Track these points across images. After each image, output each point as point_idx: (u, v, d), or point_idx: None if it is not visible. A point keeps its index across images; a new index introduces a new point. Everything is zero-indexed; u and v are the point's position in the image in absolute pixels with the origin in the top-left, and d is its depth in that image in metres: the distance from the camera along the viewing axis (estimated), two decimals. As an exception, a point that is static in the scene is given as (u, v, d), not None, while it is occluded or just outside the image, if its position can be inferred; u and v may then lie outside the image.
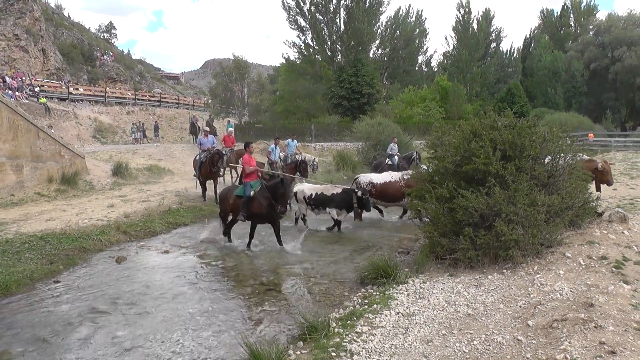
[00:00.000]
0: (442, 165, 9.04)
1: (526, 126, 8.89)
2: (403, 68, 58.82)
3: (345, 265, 10.02)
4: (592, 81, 55.23)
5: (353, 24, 49.52)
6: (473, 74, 58.49)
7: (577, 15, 66.55)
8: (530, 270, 7.44)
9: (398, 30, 58.16)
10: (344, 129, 35.07)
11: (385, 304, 6.89)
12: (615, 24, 54.88)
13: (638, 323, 5.19)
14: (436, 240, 8.47)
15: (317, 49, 52.18)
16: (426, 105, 44.56)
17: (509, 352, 5.09)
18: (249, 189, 11.41)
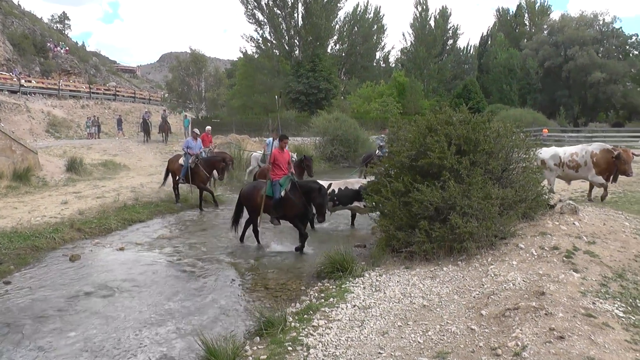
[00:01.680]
0: (398, 159, 9.15)
1: (480, 121, 9.09)
2: (361, 64, 59.27)
3: (303, 259, 10.05)
4: (546, 79, 56.68)
5: (311, 19, 49.59)
6: (430, 70, 59.40)
7: (531, 15, 68.33)
8: (484, 261, 7.61)
9: (356, 26, 58.58)
10: (302, 124, 35.10)
11: (341, 298, 6.95)
12: (568, 24, 56.46)
13: (586, 309, 5.39)
14: (392, 234, 8.57)
15: (275, 43, 52.12)
16: (383, 101, 44.99)
17: (462, 341, 5.20)
18: (278, 190, 10.43)
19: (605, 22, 57.44)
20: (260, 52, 52.73)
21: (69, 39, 78.22)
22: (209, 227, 13.35)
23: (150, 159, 28.62)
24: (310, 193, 10.30)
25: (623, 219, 9.40)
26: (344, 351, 5.36)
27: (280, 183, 10.41)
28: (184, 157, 16.08)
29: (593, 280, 6.37)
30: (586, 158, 12.11)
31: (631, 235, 8.31)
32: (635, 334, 4.97)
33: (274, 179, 10.55)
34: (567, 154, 12.59)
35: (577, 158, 12.28)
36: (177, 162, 16.39)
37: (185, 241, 11.73)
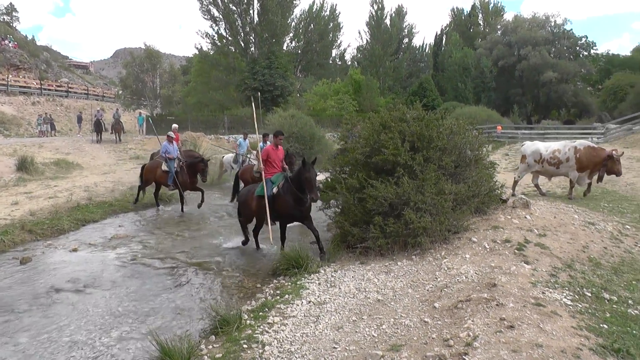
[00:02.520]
0: (352, 156, 9.22)
1: (434, 118, 9.24)
2: (317, 61, 59.30)
3: (258, 257, 10.02)
4: (500, 77, 57.80)
5: (267, 15, 49.26)
6: (386, 68, 59.82)
7: (485, 15, 69.50)
8: (438, 255, 7.76)
9: (312, 23, 58.52)
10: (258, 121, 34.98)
11: (297, 294, 6.98)
12: (521, 25, 57.70)
13: (536, 299, 5.55)
14: (347, 230, 8.65)
15: (230, 40, 51.55)
16: (339, 99, 45.11)
17: (415, 333, 5.28)
18: (270, 186, 9.69)
19: (557, 23, 58.97)
20: (216, 48, 52.11)
21: (17, 32, 75.57)
22: (164, 226, 13.17)
23: (104, 157, 27.98)
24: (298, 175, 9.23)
25: (573, 212, 9.72)
26: (299, 347, 5.38)
27: (272, 180, 9.76)
28: (167, 163, 15.21)
29: (543, 271, 6.57)
30: (569, 155, 12.28)
31: (580, 228, 8.62)
32: (581, 320, 5.17)
33: (266, 177, 9.91)
34: (549, 150, 12.71)
35: (559, 155, 12.43)
36: (159, 169, 15.42)
37: (140, 241, 11.54)
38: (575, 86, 56.07)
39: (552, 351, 4.37)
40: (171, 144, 15.55)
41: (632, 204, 12.16)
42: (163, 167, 15.29)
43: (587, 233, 8.47)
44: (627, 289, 6.41)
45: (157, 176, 15.43)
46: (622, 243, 8.31)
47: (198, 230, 12.11)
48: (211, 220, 13.91)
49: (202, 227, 12.81)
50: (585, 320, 5.19)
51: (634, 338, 4.94)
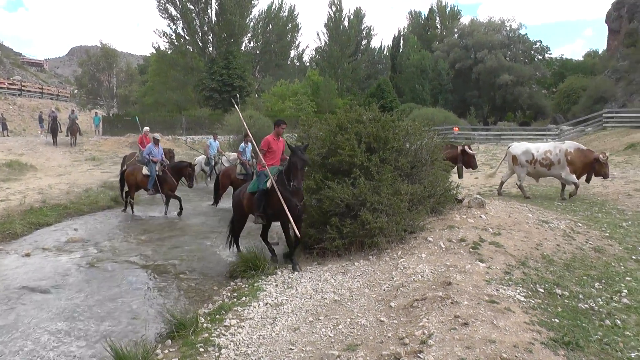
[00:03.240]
0: (309, 157, 9.21)
1: (390, 120, 9.31)
2: (275, 62, 59.17)
3: (215, 259, 9.91)
4: (457, 80, 58.74)
5: (225, 15, 49.00)
6: (344, 69, 60.08)
7: (443, 18, 70.62)
8: (394, 255, 7.81)
9: (270, 24, 58.34)
10: (215, 122, 34.60)
11: (254, 296, 6.93)
12: (478, 28, 58.81)
13: (490, 296, 5.65)
14: (304, 231, 8.62)
15: (188, 39, 51.09)
16: (298, 99, 45.10)
17: (371, 333, 5.31)
18: (263, 180, 8.58)
19: (512, 28, 60.33)
20: (174, 48, 51.50)
21: (-35, 26, 73.12)
22: (120, 229, 12.91)
23: (60, 158, 27.26)
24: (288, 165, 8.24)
25: (527, 210, 9.93)
26: (255, 349, 5.35)
27: (265, 173, 8.60)
28: (148, 166, 14.74)
29: (497, 269, 6.69)
30: (560, 156, 12.42)
31: (534, 226, 8.81)
32: (534, 315, 5.28)
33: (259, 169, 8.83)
34: (540, 151, 12.81)
35: (551, 156, 12.55)
36: (139, 173, 14.95)
37: (96, 244, 11.26)
38: (531, 89, 57.41)
39: (505, 346, 4.45)
40: (156, 146, 15.08)
41: (584, 202, 12.52)
42: (144, 171, 14.85)
43: (541, 231, 8.66)
44: (578, 284, 6.59)
45: (139, 180, 14.94)
46: (574, 240, 8.51)
47: (156, 233, 11.93)
48: (170, 223, 13.69)
49: (160, 230, 12.62)
50: (538, 316, 5.30)
51: (583, 331, 5.09)
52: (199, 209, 13.94)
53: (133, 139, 30.48)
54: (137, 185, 15.09)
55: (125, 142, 32.44)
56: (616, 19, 48.68)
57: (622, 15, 47.34)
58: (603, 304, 5.92)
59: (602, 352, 4.66)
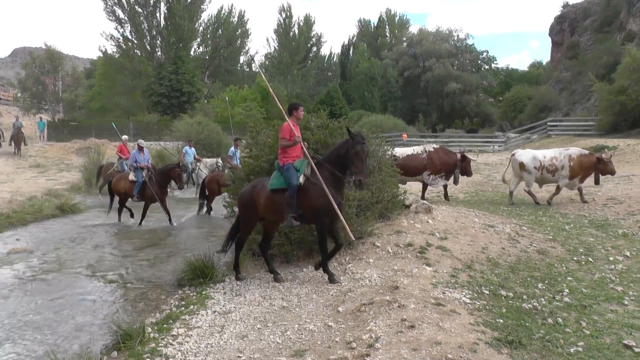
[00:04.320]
0: (257, 164, 9.18)
1: (338, 127, 9.34)
2: (225, 67, 59.03)
3: (163, 267, 9.70)
4: (406, 87, 59.71)
5: (174, 19, 48.54)
6: (294, 76, 60.22)
7: (392, 27, 71.82)
8: (342, 260, 7.88)
9: (220, 29, 58.12)
10: (164, 127, 34.15)
11: (202, 304, 6.84)
12: (426, 37, 60.01)
13: (436, 299, 5.74)
14: (252, 238, 8.57)
15: (136, 43, 50.31)
16: (247, 105, 44.85)
17: (319, 338, 5.31)
18: (294, 175, 7.25)
19: (460, 38, 61.92)
20: (121, 51, 50.63)
21: None
22: (67, 238, 12.46)
23: (1, 165, 26.30)
24: (345, 150, 7.15)
25: (473, 215, 10.14)
26: (203, 358, 5.27)
27: (296, 167, 7.37)
28: (135, 172, 14.16)
29: (444, 272, 6.81)
30: (564, 162, 12.61)
31: (480, 230, 9.00)
32: (479, 317, 5.39)
33: (285, 162, 7.44)
34: (547, 157, 12.93)
35: (557, 162, 12.72)
36: (126, 180, 14.39)
37: (40, 255, 10.83)
38: (478, 97, 58.93)
39: (450, 347, 4.51)
40: (141, 152, 14.52)
41: (529, 207, 12.93)
42: (131, 177, 14.29)
43: (487, 235, 8.86)
44: (522, 285, 6.77)
45: (126, 187, 14.35)
46: (518, 243, 8.75)
47: (105, 241, 11.63)
48: (122, 231, 13.41)
49: (109, 238, 12.31)
50: (483, 317, 5.41)
51: (526, 330, 5.23)
52: (157, 216, 13.71)
53: (80, 145, 29.82)
54: (124, 193, 14.50)
55: (71, 149, 31.61)
56: (559, 32, 50.73)
57: (564, 29, 49.39)
58: (546, 304, 6.10)
59: (543, 349, 4.80)
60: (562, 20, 50.64)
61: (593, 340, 5.09)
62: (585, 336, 5.19)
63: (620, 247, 8.83)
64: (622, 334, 5.26)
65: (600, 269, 7.66)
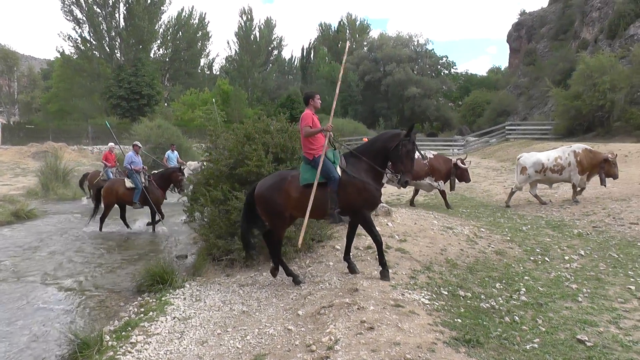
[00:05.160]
0: (217, 168, 9.14)
1: (297, 130, 9.35)
2: (185, 70, 58.51)
3: (122, 274, 9.51)
4: (367, 91, 60.19)
5: (133, 20, 47.83)
6: (254, 79, 60.11)
7: (352, 31, 72.34)
8: (302, 264, 7.88)
9: (181, 31, 57.59)
10: (123, 131, 33.57)
11: (161, 311, 6.76)
12: (387, 42, 60.64)
13: (395, 300, 5.79)
14: (212, 242, 8.52)
15: (95, 44, 49.36)
16: (207, 109, 44.52)
17: (279, 341, 5.30)
18: (333, 167, 6.66)
19: (420, 43, 62.88)
20: (80, 52, 49.58)
21: None
22: (21, 246, 12.11)
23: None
24: (394, 145, 6.61)
25: (432, 218, 10.26)
26: (162, 365, 5.21)
27: (330, 158, 6.74)
28: (132, 177, 13.43)
29: (403, 274, 6.87)
30: (570, 159, 12.65)
31: (439, 232, 9.11)
32: (437, 317, 5.47)
33: (314, 155, 6.79)
34: (550, 159, 12.94)
35: (562, 161, 12.75)
36: (121, 187, 13.56)
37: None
38: (438, 101, 59.86)
39: (409, 347, 4.57)
40: (137, 155, 13.87)
41: (487, 209, 13.16)
42: (127, 183, 13.51)
43: (445, 237, 8.98)
44: (480, 285, 6.89)
45: (120, 195, 13.55)
46: (477, 244, 8.90)
47: (62, 248, 11.35)
48: (82, 237, 13.06)
49: (68, 245, 11.98)
50: (441, 317, 5.50)
51: (484, 328, 5.33)
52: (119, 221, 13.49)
53: (37, 148, 29.09)
54: (118, 201, 13.68)
55: (27, 152, 30.81)
56: (516, 39, 52.00)
57: (522, 36, 50.66)
58: (503, 303, 6.24)
59: (500, 347, 4.91)
60: (519, 27, 51.92)
61: (548, 337, 5.24)
62: (540, 333, 5.34)
63: (576, 246, 9.08)
64: (576, 329, 5.45)
65: (556, 267, 7.87)
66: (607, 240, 9.46)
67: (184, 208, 10.27)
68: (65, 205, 16.87)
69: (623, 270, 7.63)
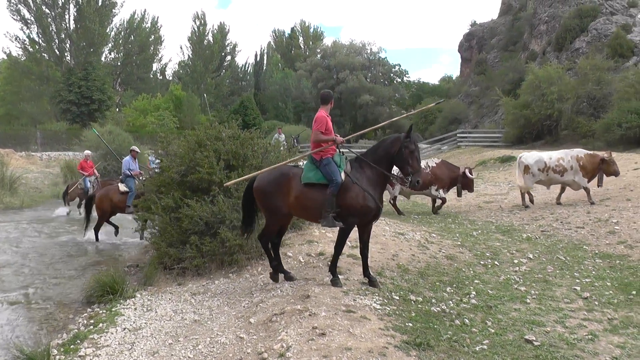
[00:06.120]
0: (168, 175, 9.02)
1: (249, 137, 9.35)
2: (137, 75, 57.61)
3: (72, 285, 9.22)
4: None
5: (84, 22, 46.68)
6: (207, 85, 59.54)
7: (306, 38, 72.41)
8: (254, 271, 7.88)
9: (133, 34, 56.67)
10: (73, 137, 32.75)
11: (112, 322, 6.63)
12: (340, 50, 60.83)
13: (347, 306, 5.85)
14: (164, 251, 8.40)
15: (44, 46, 47.95)
16: (160, 115, 43.86)
17: (231, 350, 5.29)
18: (337, 171, 6.61)
19: (373, 51, 63.12)
20: (28, 54, 48.11)
21: None
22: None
23: None
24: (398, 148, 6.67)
25: (384, 224, 10.36)
26: (111, 377, 5.12)
27: (337, 161, 6.77)
28: (127, 182, 13.01)
29: (355, 280, 6.94)
30: (572, 163, 12.72)
31: (390, 238, 9.23)
32: (389, 322, 5.55)
33: (323, 156, 6.78)
34: (553, 159, 12.99)
35: (564, 163, 12.80)
36: (115, 193, 13.04)
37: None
38: (390, 109, 60.29)
39: (360, 352, 4.64)
40: (135, 160, 13.51)
41: (439, 214, 13.37)
42: (121, 188, 13.07)
43: (397, 242, 9.09)
44: (431, 289, 7.01)
45: (115, 202, 12.98)
46: (428, 250, 9.05)
47: (8, 259, 10.96)
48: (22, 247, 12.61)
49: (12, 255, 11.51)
50: (392, 321, 5.58)
51: (434, 332, 5.44)
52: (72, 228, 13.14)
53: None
54: (113, 209, 13.11)
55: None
56: (467, 49, 53.13)
57: (473, 46, 51.83)
58: (454, 306, 6.37)
59: (451, 349, 5.02)
60: (470, 38, 53.02)
61: (497, 338, 5.41)
62: (490, 334, 5.50)
63: (524, 250, 9.36)
64: (524, 330, 5.65)
65: (506, 271, 8.11)
66: (555, 244, 9.80)
67: (135, 217, 10.11)
68: (12, 215, 16.32)
69: (569, 272, 7.95)
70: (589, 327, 5.76)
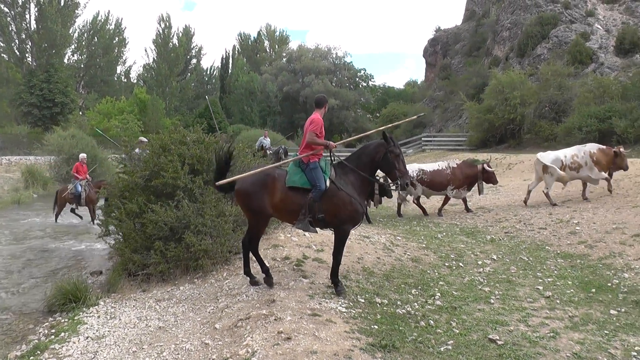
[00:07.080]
0: (132, 180, 8.91)
1: (214, 142, 9.31)
2: (101, 77, 56.84)
3: (33, 293, 8.95)
4: (285, 102, 60.38)
5: (45, 23, 45.79)
6: (172, 88, 59.10)
7: (272, 42, 72.54)
8: (219, 277, 7.82)
9: (96, 36, 55.88)
10: (35, 141, 32.02)
11: (74, 331, 6.50)
12: (305, 54, 61.03)
13: (312, 310, 5.88)
14: (128, 257, 8.26)
15: (3, 46, 46.87)
16: (124, 118, 43.22)
17: (196, 356, 5.26)
18: (322, 176, 6.62)
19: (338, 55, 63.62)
20: (-15, 55, 47.09)
21: None
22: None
23: None
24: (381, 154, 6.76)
25: (350, 228, 10.37)
26: (73, 387, 5.02)
27: (322, 167, 6.76)
28: None
29: (320, 284, 6.98)
30: (586, 158, 12.77)
31: (356, 242, 9.25)
32: (354, 324, 5.60)
33: (310, 160, 6.73)
34: (568, 156, 13.00)
35: (578, 159, 12.85)
36: None
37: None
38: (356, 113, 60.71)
39: (326, 355, 4.67)
40: None
41: (404, 217, 13.49)
42: None
43: (362, 246, 9.15)
44: (396, 292, 7.08)
45: None
46: (393, 252, 9.13)
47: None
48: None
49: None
50: (358, 324, 5.63)
51: (400, 333, 5.51)
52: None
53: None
54: None
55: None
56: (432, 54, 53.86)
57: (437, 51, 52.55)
58: (419, 308, 6.45)
59: (416, 350, 5.10)
60: (435, 43, 53.72)
61: (462, 338, 5.51)
62: (454, 335, 5.60)
63: (488, 251, 9.55)
64: (488, 329, 5.77)
65: (470, 272, 8.26)
66: (518, 245, 10.04)
67: (98, 222, 9.93)
68: None
69: (532, 272, 8.16)
70: (550, 325, 5.92)
